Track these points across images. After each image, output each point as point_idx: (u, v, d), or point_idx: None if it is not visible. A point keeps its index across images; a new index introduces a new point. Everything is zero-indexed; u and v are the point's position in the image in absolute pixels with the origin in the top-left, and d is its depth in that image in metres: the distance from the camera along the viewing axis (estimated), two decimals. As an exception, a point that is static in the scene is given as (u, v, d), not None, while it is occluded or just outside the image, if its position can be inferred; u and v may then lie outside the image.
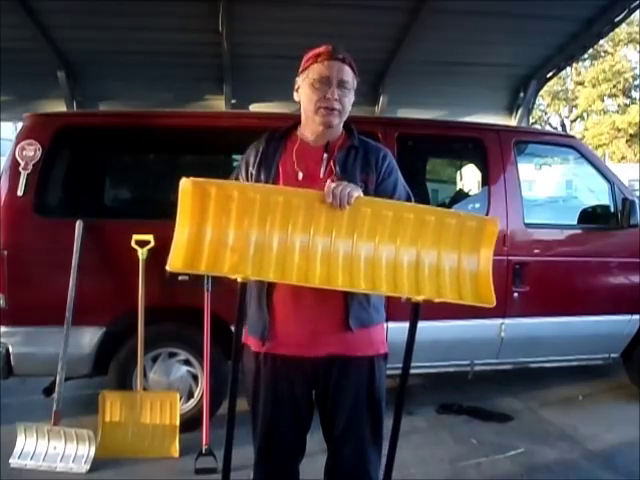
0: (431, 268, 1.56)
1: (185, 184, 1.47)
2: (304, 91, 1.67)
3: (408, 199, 1.72)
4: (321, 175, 1.65)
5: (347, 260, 1.51)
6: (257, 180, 1.68)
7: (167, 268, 1.45)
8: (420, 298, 1.53)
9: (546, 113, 29.25)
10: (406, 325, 1.61)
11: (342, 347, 1.65)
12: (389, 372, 1.78)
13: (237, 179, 1.75)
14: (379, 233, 1.54)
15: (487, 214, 3.50)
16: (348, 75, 1.64)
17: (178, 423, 3.02)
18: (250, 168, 1.71)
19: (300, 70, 1.70)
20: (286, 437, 1.73)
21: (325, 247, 1.51)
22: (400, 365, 1.64)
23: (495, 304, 1.54)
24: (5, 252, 3.03)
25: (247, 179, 1.72)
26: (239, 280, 1.49)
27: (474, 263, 1.58)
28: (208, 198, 1.48)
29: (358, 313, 1.63)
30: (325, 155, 1.67)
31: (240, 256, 1.47)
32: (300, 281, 1.48)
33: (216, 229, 1.49)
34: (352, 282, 1.51)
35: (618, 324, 3.79)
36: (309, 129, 1.70)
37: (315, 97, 1.63)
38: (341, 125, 1.72)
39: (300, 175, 1.65)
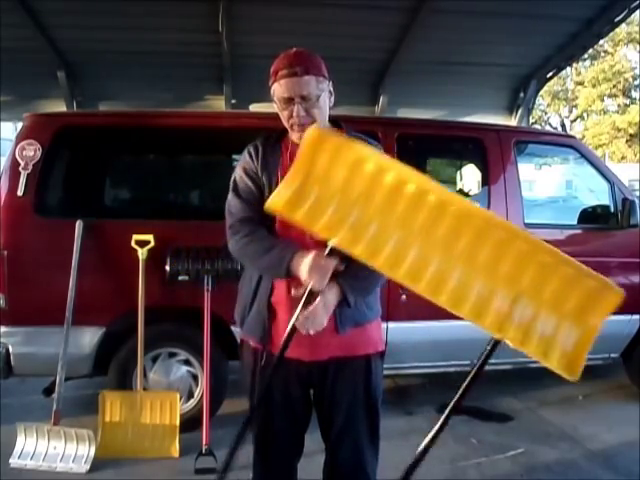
0: (525, 312, 1.33)
1: (313, 131, 1.42)
2: (276, 106, 1.68)
3: None
4: None
5: (440, 272, 1.34)
6: (259, 186, 1.67)
7: (266, 206, 1.41)
8: (500, 337, 1.35)
9: (546, 113, 29.24)
10: (405, 325, 1.60)
11: (340, 348, 1.66)
12: (387, 372, 1.78)
13: (240, 189, 1.70)
14: (485, 254, 1.33)
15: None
16: (308, 87, 1.60)
17: (178, 423, 3.03)
18: (252, 174, 1.69)
19: (269, 83, 1.68)
20: (283, 436, 1.74)
21: (426, 248, 1.35)
22: (399, 365, 1.63)
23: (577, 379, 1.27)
24: (5, 252, 3.03)
25: (252, 184, 1.68)
26: (329, 244, 1.41)
27: (577, 329, 1.31)
28: (328, 152, 1.40)
29: (350, 313, 1.63)
30: None
31: (340, 219, 1.38)
32: (384, 268, 1.36)
33: (326, 185, 1.40)
34: (434, 292, 1.33)
35: (618, 324, 3.78)
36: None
37: (284, 116, 1.65)
38: (325, 124, 1.69)
39: None
